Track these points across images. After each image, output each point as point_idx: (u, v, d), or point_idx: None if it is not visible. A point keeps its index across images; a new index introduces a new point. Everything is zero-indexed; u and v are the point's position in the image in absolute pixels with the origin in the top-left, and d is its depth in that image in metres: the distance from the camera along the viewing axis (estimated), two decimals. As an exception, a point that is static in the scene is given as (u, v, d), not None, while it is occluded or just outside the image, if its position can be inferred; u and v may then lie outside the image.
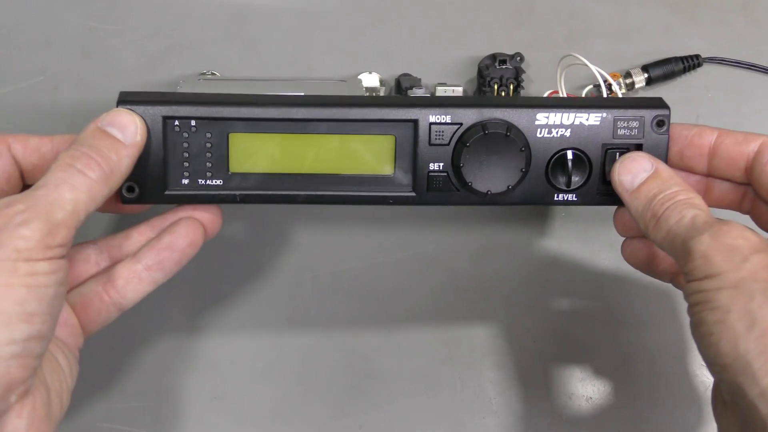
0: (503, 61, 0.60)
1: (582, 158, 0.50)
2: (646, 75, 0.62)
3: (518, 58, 0.60)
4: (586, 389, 0.62)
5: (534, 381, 0.61)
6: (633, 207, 0.47)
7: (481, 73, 0.61)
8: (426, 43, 0.63)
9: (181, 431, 0.60)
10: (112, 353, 0.60)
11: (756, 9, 0.64)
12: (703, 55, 0.63)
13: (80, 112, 0.60)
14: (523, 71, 0.61)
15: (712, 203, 0.51)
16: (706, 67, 0.63)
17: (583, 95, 0.62)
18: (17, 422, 0.40)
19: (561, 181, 0.50)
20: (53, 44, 0.61)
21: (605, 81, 0.59)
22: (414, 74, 0.61)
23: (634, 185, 0.48)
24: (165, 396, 0.60)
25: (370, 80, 0.61)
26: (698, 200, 0.45)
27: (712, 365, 0.41)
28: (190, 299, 0.61)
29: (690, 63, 0.62)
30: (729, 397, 0.42)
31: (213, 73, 0.60)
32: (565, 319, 0.62)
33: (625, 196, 0.48)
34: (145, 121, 0.47)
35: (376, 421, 0.61)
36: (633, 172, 0.48)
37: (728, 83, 0.63)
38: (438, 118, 0.49)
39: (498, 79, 0.60)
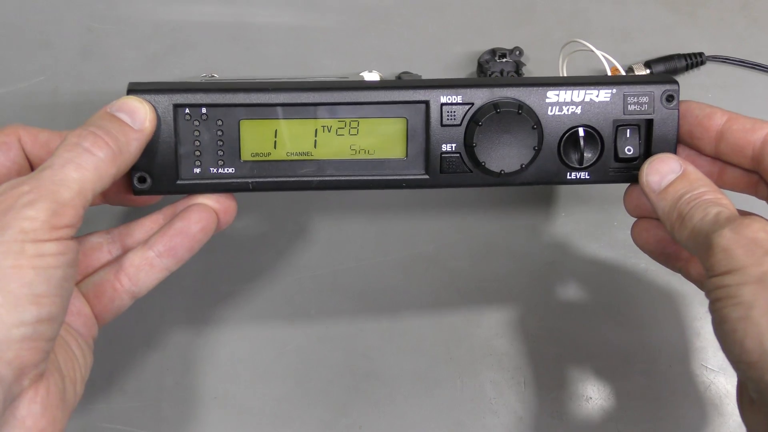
0: (503, 55, 0.61)
1: (593, 135, 0.50)
2: (648, 71, 0.62)
3: (518, 52, 0.61)
4: (586, 389, 0.61)
5: (534, 381, 0.61)
6: (660, 207, 0.47)
7: (481, 68, 0.61)
8: (425, 41, 0.63)
9: (181, 431, 0.60)
10: (112, 353, 0.60)
11: (756, 9, 0.64)
12: (705, 54, 0.63)
13: (80, 112, 0.60)
14: (524, 64, 0.61)
15: (726, 186, 0.51)
16: (708, 65, 0.63)
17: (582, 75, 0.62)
18: (32, 407, 0.39)
19: (573, 158, 0.50)
20: (53, 44, 0.61)
21: (613, 71, 0.59)
22: (414, 71, 0.61)
23: (662, 186, 0.47)
24: (165, 396, 0.60)
25: (371, 78, 0.60)
26: (725, 200, 0.45)
27: (737, 363, 0.40)
28: (190, 299, 0.61)
29: (693, 60, 0.62)
30: (756, 395, 0.41)
31: (213, 76, 0.60)
32: (566, 319, 0.62)
33: (653, 197, 0.47)
34: (155, 109, 0.47)
35: (376, 421, 0.61)
36: (661, 173, 0.47)
37: (731, 82, 0.63)
38: (449, 99, 0.49)
39: (498, 72, 0.60)
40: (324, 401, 0.61)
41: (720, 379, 0.61)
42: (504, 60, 0.60)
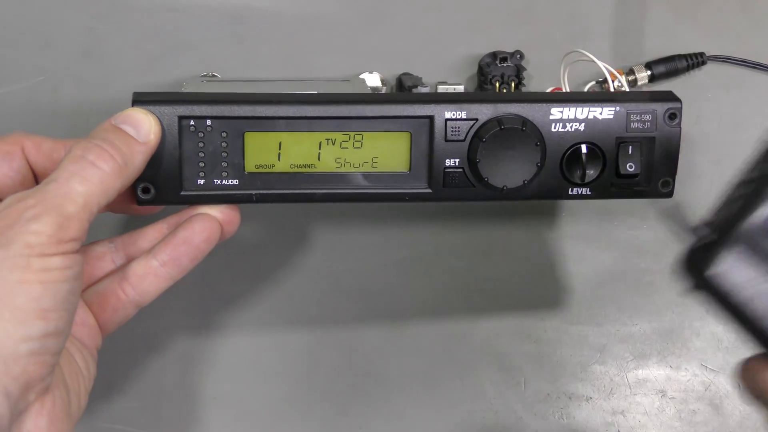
0: (504, 59, 0.60)
1: (596, 152, 0.50)
2: (649, 72, 0.62)
3: (518, 56, 0.60)
4: (586, 389, 0.61)
5: (534, 381, 0.61)
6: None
7: (482, 71, 0.61)
8: (425, 43, 0.62)
9: (181, 431, 0.60)
10: (112, 353, 0.59)
11: (756, 9, 0.64)
12: (706, 54, 0.63)
13: (80, 113, 0.60)
14: (524, 68, 0.60)
15: None
16: (709, 66, 0.63)
17: (585, 91, 0.62)
18: (38, 421, 0.39)
19: (576, 175, 0.50)
20: (53, 44, 0.61)
21: (612, 77, 0.59)
22: (414, 73, 0.61)
23: None
24: (165, 396, 0.60)
25: (372, 80, 0.60)
26: None
27: None
28: (191, 300, 0.61)
29: (694, 61, 0.62)
30: None
31: (213, 75, 0.60)
32: (565, 319, 0.62)
33: None
34: (160, 121, 0.47)
35: (376, 420, 0.61)
36: None
37: (732, 82, 0.63)
38: (454, 114, 0.49)
39: (499, 76, 0.60)
40: (324, 401, 0.61)
41: (720, 379, 0.61)
42: (505, 64, 0.60)
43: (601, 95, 0.51)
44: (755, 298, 0.34)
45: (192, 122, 0.48)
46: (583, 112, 0.49)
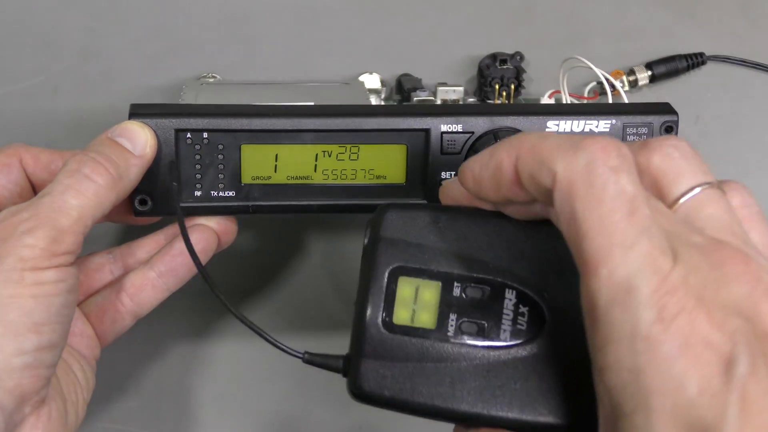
0: (504, 61, 0.60)
1: None
2: (649, 72, 0.62)
3: (518, 58, 0.60)
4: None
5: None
6: None
7: (481, 73, 0.61)
8: (425, 43, 0.62)
9: (181, 431, 0.60)
10: (112, 352, 0.60)
11: (755, 9, 0.64)
12: (706, 54, 0.63)
13: (80, 113, 0.60)
14: (524, 70, 0.60)
15: None
16: (710, 66, 0.63)
17: (585, 94, 0.62)
18: None
19: None
20: (53, 44, 0.61)
21: (609, 83, 0.59)
22: (414, 74, 0.61)
23: None
24: (165, 396, 0.60)
25: (371, 81, 0.60)
26: None
27: None
28: (191, 300, 0.60)
29: (694, 61, 0.62)
30: None
31: (213, 76, 0.60)
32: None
33: None
34: (156, 134, 0.47)
35: (376, 421, 0.61)
36: None
37: (732, 82, 0.63)
38: (450, 127, 0.49)
39: (499, 78, 0.60)
40: (324, 401, 0.61)
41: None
42: (504, 66, 0.60)
43: (597, 107, 0.51)
44: (412, 389, 0.37)
45: (189, 135, 0.48)
46: (579, 125, 0.49)
